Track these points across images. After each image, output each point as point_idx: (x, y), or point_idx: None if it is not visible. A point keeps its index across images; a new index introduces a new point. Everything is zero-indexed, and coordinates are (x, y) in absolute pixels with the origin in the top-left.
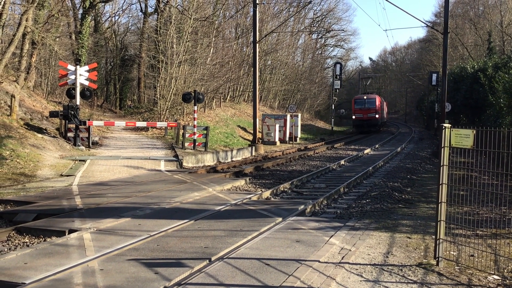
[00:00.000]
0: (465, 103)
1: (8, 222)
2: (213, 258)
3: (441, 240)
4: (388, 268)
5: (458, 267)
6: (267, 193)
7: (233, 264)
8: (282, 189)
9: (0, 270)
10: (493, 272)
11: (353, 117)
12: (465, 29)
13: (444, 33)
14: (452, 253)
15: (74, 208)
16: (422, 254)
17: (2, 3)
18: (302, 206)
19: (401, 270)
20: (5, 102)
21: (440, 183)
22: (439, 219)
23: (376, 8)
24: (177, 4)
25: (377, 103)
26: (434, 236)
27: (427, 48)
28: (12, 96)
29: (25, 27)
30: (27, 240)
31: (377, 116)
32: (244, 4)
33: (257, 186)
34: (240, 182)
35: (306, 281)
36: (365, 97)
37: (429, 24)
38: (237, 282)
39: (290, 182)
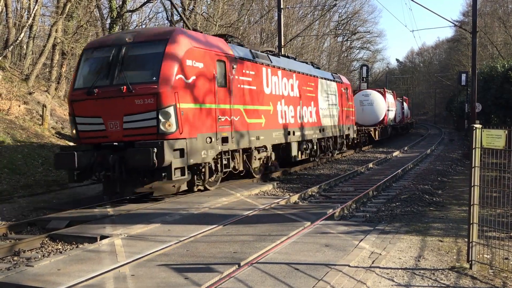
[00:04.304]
0: (496, 103)
1: (41, 229)
2: (242, 263)
3: (474, 243)
4: (420, 272)
5: (492, 271)
6: (295, 198)
7: (262, 269)
8: (310, 193)
9: (35, 276)
10: None
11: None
12: (494, 27)
13: (472, 32)
14: (486, 256)
15: (105, 214)
16: (454, 257)
17: (33, 15)
18: (330, 210)
19: (434, 274)
20: (37, 111)
21: (472, 185)
22: (471, 222)
23: (402, 9)
24: (202, 12)
25: (167, 70)
26: (466, 239)
27: (455, 48)
28: (44, 105)
29: (55, 38)
30: (60, 247)
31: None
32: (268, 9)
33: (285, 190)
34: (268, 187)
35: (336, 286)
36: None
37: (457, 23)
38: (266, 287)
39: (318, 186)
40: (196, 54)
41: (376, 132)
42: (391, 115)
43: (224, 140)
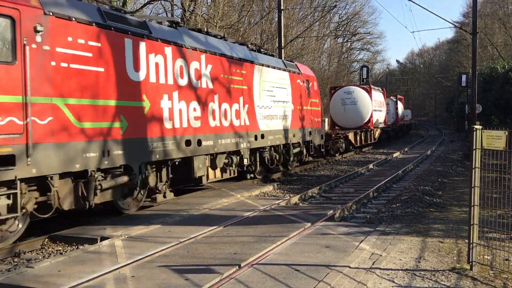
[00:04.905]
0: (496, 104)
1: (42, 231)
2: (242, 264)
3: (474, 244)
4: (420, 273)
5: (492, 272)
6: (295, 199)
7: (263, 270)
8: (310, 194)
9: (35, 277)
10: None
11: None
12: (494, 28)
13: (473, 33)
14: (486, 257)
15: (106, 216)
16: (455, 258)
17: None
18: (330, 211)
19: (434, 275)
20: None
21: (473, 186)
22: (472, 223)
23: (403, 10)
24: (202, 13)
25: None
26: (467, 240)
27: (455, 49)
28: None
29: None
30: (60, 248)
31: None
32: (269, 10)
33: (285, 191)
34: (268, 188)
35: (336, 287)
36: None
37: (457, 24)
38: None
39: (318, 187)
40: None
41: (357, 137)
42: (380, 116)
43: (2, 161)
